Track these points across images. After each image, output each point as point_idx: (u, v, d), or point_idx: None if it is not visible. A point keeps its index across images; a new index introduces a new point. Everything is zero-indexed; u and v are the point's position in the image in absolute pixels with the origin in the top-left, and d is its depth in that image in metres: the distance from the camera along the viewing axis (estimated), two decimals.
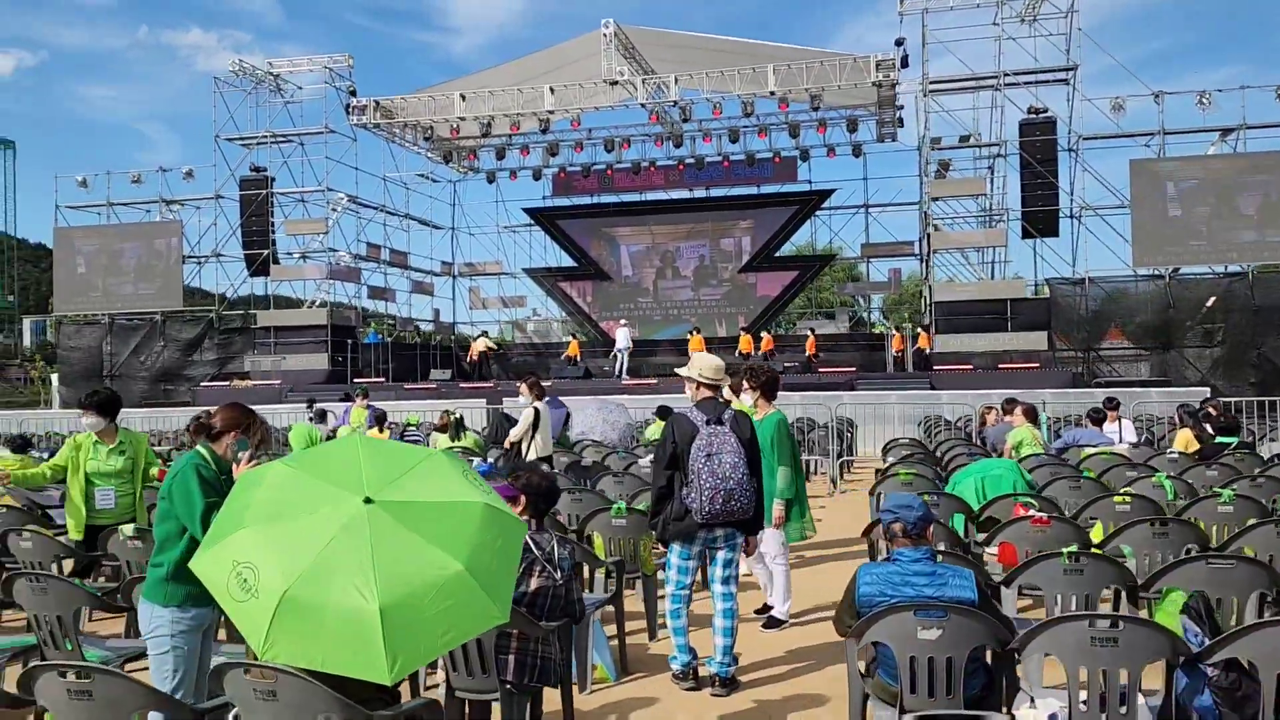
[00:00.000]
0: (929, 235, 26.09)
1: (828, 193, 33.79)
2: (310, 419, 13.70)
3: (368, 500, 2.81)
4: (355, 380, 27.52)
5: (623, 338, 26.62)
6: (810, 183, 33.76)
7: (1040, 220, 25.47)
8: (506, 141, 31.71)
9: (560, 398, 12.28)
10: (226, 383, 27.78)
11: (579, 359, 27.88)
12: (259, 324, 29.49)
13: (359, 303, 31.23)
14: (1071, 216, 25.82)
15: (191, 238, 30.69)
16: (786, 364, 29.46)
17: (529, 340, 36.71)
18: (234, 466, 3.82)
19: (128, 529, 5.12)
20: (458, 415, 10.99)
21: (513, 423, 11.26)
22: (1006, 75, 25.59)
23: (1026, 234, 25.74)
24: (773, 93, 26.51)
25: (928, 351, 27.19)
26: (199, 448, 3.90)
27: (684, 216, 34.97)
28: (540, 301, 37.70)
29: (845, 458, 14.37)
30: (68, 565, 5.61)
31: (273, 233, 30.02)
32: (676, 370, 5.40)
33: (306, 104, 30.92)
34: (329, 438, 12.74)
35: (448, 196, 36.80)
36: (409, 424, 12.59)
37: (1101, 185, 25.24)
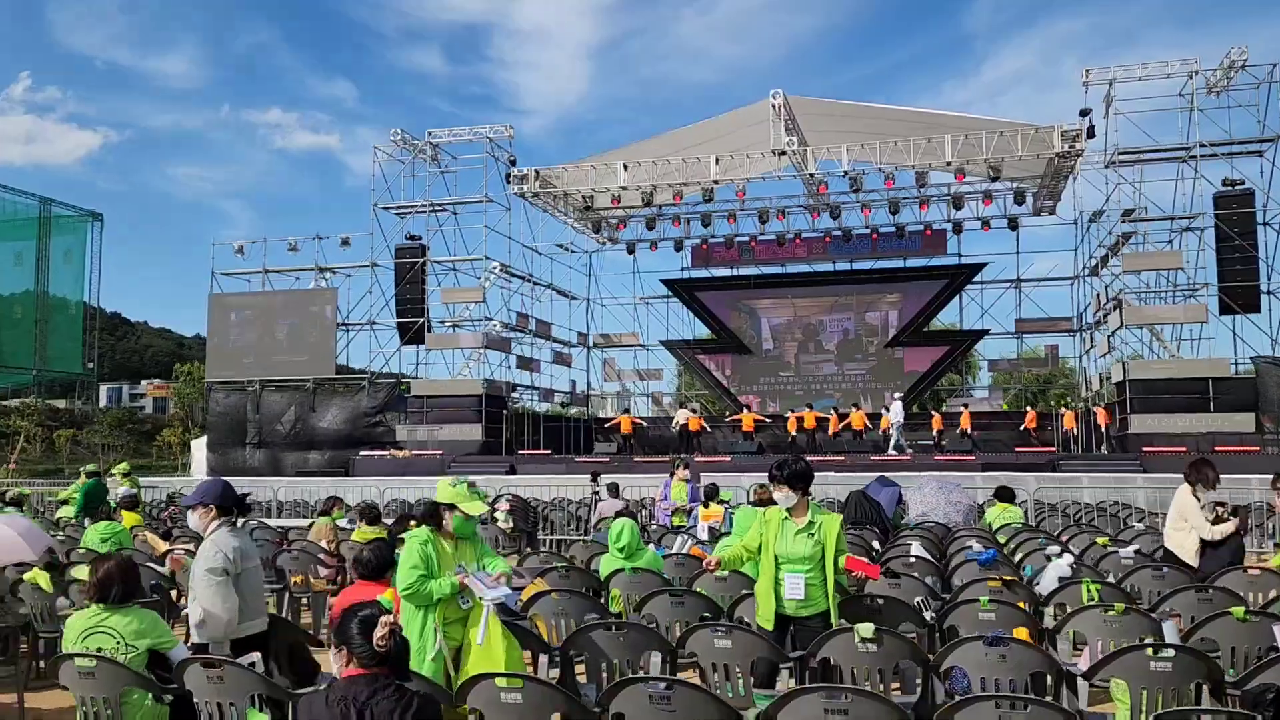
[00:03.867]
0: (1120, 310, 25.02)
1: (979, 266, 32.98)
2: (595, 493, 12.93)
3: None
4: (521, 453, 26.90)
5: (896, 410, 25.69)
6: (960, 256, 33.04)
7: (1240, 296, 24.39)
8: (658, 212, 31.36)
9: (887, 475, 11.42)
10: (384, 452, 27.27)
11: (754, 433, 26.95)
12: (412, 393, 29.08)
13: (503, 373, 30.73)
14: (1269, 293, 24.73)
15: (343, 306, 30.61)
16: (924, 442, 28.36)
17: (664, 414, 35.88)
18: None
19: (865, 629, 4.25)
20: None
21: (874, 504, 10.41)
22: (1202, 146, 24.76)
23: (1225, 309, 24.64)
24: (949, 163, 25.91)
25: (1104, 429, 26.26)
26: None
27: (828, 289, 34.32)
28: (677, 375, 37.16)
29: None
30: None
31: (425, 301, 29.83)
32: None
33: (462, 173, 30.96)
34: (624, 511, 11.92)
35: (583, 266, 36.57)
36: (724, 500, 11.71)
37: None
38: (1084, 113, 24.98)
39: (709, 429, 28.86)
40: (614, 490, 12.32)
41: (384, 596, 2.93)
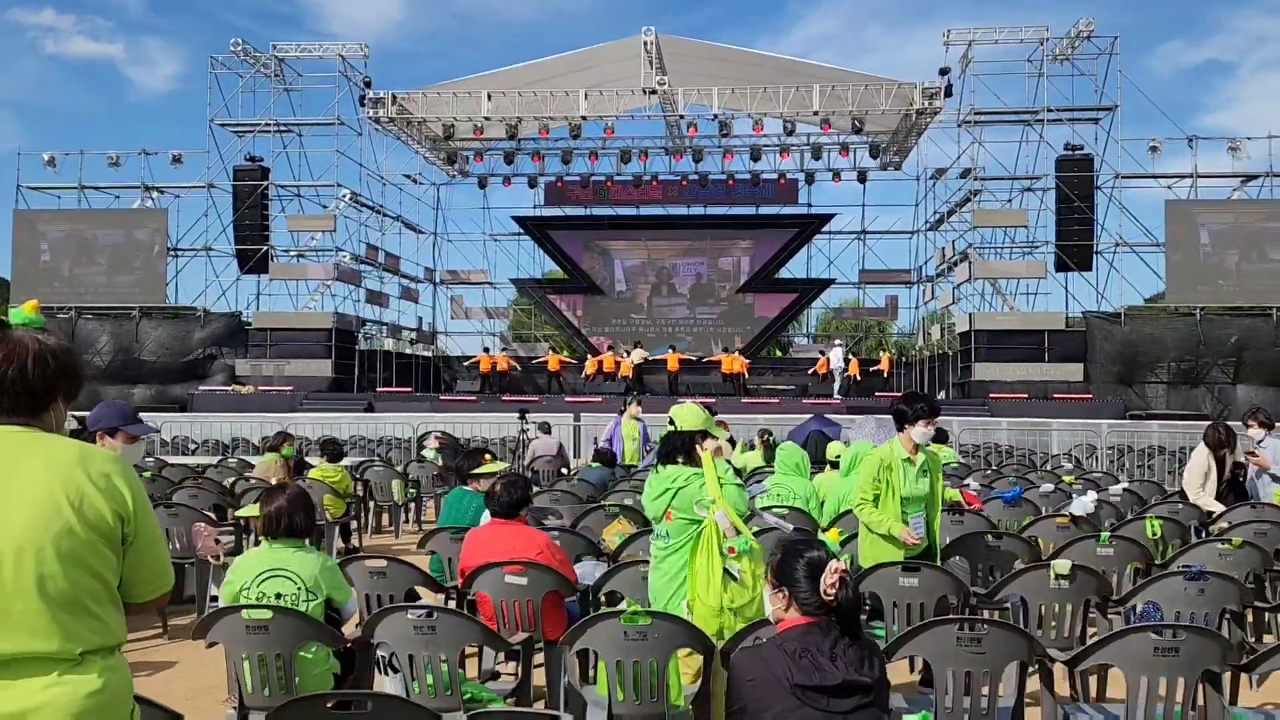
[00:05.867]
0: (970, 264, 26.34)
1: (828, 217, 33.91)
2: (523, 431, 12.43)
3: None
4: (379, 390, 25.74)
5: (836, 357, 26.08)
6: (810, 206, 33.86)
7: (1075, 254, 26.16)
8: (517, 146, 30.34)
9: (827, 415, 11.50)
10: (226, 388, 25.42)
11: (624, 375, 26.76)
12: (255, 325, 27.21)
13: (349, 307, 29.17)
14: (1097, 253, 26.61)
15: (173, 230, 28.15)
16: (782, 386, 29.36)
17: (513, 352, 35.17)
18: None
19: (1062, 566, 4.08)
20: (770, 436, 10.07)
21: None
22: (1048, 111, 26.20)
23: (1061, 266, 26.38)
24: (815, 113, 26.31)
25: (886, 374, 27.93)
26: None
27: (682, 233, 34.40)
28: (509, 315, 36.63)
29: None
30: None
31: (268, 228, 27.84)
32: None
33: (308, 92, 28.88)
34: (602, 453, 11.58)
35: (430, 200, 35.12)
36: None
37: (1134, 223, 26.11)
38: (943, 71, 25.91)
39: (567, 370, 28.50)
40: (546, 428, 11.87)
41: (829, 538, 2.50)
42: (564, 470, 11.09)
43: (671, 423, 4.22)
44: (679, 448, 4.10)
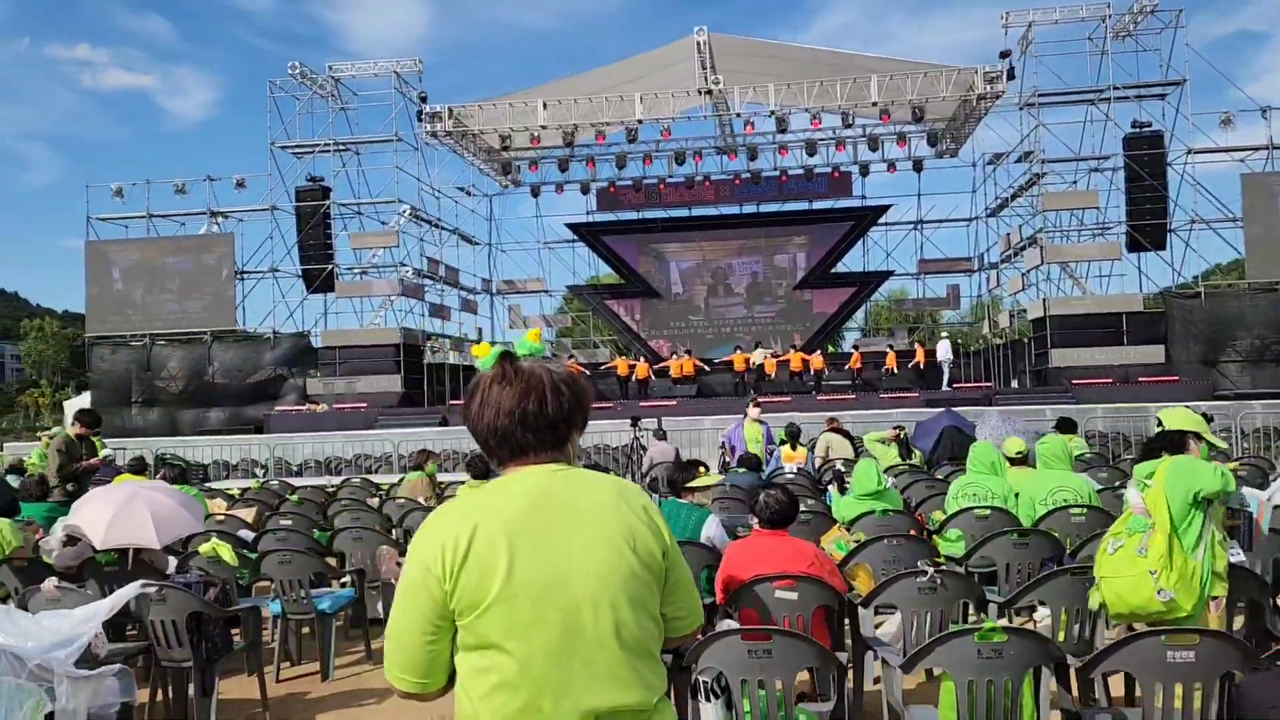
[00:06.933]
0: (1041, 248, 25.90)
1: (884, 208, 33.58)
2: (637, 439, 12.32)
3: None
4: (450, 403, 25.78)
5: (944, 350, 26.00)
6: (864, 198, 33.54)
7: (1149, 234, 25.66)
8: (571, 153, 30.33)
9: (955, 408, 11.31)
10: (302, 407, 25.60)
11: (694, 377, 26.54)
12: (322, 344, 27.39)
13: (412, 321, 29.28)
14: (1171, 230, 26.08)
15: (239, 254, 28.41)
16: (840, 381, 28.91)
17: (575, 359, 35.17)
18: None
19: None
20: (904, 431, 9.89)
21: (972, 440, 10.23)
22: (1115, 89, 25.72)
23: (1135, 246, 25.89)
24: (875, 104, 26.03)
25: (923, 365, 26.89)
26: None
27: (736, 232, 34.22)
28: (583, 320, 36.53)
29: None
30: None
31: (333, 247, 28.03)
32: None
33: (363, 110, 29.05)
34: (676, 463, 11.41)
35: (483, 210, 35.21)
36: (780, 440, 11.33)
37: (1208, 199, 25.56)
38: (1004, 54, 25.52)
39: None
40: (661, 435, 11.77)
41: None
42: None
43: (1159, 423, 4.44)
44: (1165, 445, 4.22)
